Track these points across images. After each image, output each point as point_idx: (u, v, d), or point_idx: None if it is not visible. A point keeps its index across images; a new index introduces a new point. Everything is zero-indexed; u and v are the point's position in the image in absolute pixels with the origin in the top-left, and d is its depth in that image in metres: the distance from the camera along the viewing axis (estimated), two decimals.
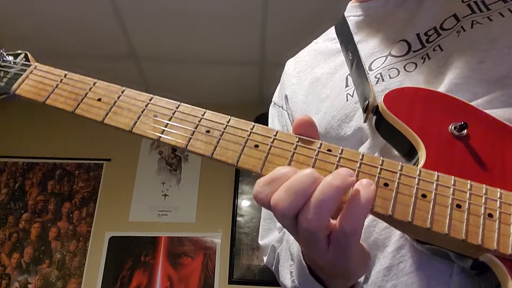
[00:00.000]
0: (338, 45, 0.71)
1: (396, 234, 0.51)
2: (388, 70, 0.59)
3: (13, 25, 2.26)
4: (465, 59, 0.53)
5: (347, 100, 0.61)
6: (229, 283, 2.49)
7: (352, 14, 0.73)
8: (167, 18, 2.23)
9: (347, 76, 0.64)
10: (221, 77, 2.70)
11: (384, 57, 0.62)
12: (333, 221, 0.40)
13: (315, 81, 0.70)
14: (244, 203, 2.70)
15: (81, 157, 2.79)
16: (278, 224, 0.70)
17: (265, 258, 0.71)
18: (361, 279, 0.53)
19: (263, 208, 0.74)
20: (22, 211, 2.67)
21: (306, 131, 0.46)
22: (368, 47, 0.65)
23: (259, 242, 0.73)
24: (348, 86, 0.63)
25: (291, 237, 0.59)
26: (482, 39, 0.54)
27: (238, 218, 2.65)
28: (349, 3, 0.76)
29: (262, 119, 0.81)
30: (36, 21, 2.25)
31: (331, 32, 0.76)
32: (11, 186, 2.73)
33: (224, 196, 2.70)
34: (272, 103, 0.80)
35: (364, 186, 0.39)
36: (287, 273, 0.58)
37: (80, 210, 2.67)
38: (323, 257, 0.42)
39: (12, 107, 2.90)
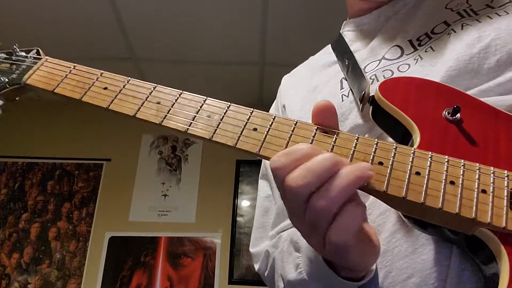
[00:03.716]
0: (334, 57, 0.73)
1: (392, 219, 0.51)
2: (382, 71, 0.62)
3: (12, 26, 2.26)
4: (456, 56, 0.55)
5: (342, 101, 0.63)
6: (229, 283, 2.49)
7: (347, 29, 0.77)
8: (166, 19, 2.23)
9: (341, 80, 0.67)
10: (221, 77, 2.71)
11: (378, 61, 0.64)
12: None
13: (311, 90, 0.72)
14: (244, 203, 2.70)
15: (81, 157, 2.79)
16: (270, 233, 0.69)
17: (256, 266, 0.71)
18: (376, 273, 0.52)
19: (255, 217, 0.75)
20: (22, 211, 2.66)
21: (326, 118, 0.46)
22: (362, 53, 0.68)
23: (250, 250, 0.73)
24: (343, 88, 0.65)
25: (299, 233, 0.59)
26: (471, 36, 0.56)
27: (238, 218, 2.65)
28: (344, 21, 0.79)
29: None
30: (35, 22, 2.25)
31: (327, 48, 0.79)
32: (10, 186, 2.73)
33: (224, 196, 2.70)
34: None
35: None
36: (291, 267, 0.57)
37: (80, 210, 2.67)
38: (322, 250, 0.43)
39: (12, 107, 2.90)
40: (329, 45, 0.78)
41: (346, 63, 0.66)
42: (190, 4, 2.13)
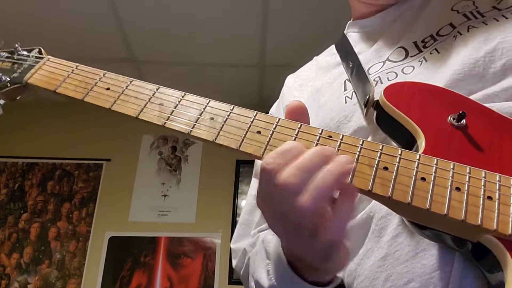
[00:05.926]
0: (338, 59, 0.72)
1: (394, 222, 0.51)
2: (387, 73, 0.61)
3: (13, 27, 2.26)
4: (462, 59, 0.54)
5: (345, 102, 0.63)
6: (229, 284, 2.49)
7: (351, 30, 0.76)
8: (167, 21, 2.23)
9: (345, 81, 0.66)
10: (221, 79, 2.71)
11: (382, 63, 0.64)
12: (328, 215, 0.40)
13: (315, 92, 0.71)
14: (244, 203, 2.70)
15: (80, 157, 2.79)
16: (252, 232, 0.69)
17: (234, 262, 0.71)
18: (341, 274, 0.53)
19: (242, 213, 0.75)
20: (22, 211, 2.67)
21: (299, 117, 0.47)
22: (366, 55, 0.67)
23: (231, 245, 0.74)
24: (346, 90, 0.65)
25: (268, 237, 0.59)
26: (478, 39, 0.56)
27: (238, 218, 2.65)
28: (349, 22, 0.79)
29: None
30: (36, 24, 2.25)
31: (331, 48, 0.78)
32: (10, 186, 2.73)
33: (224, 196, 2.70)
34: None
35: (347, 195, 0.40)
36: (263, 273, 0.57)
37: (80, 210, 2.68)
38: (306, 250, 0.43)
39: (12, 107, 2.90)
40: (333, 46, 0.77)
41: (350, 65, 0.66)
42: (190, 6, 2.13)
